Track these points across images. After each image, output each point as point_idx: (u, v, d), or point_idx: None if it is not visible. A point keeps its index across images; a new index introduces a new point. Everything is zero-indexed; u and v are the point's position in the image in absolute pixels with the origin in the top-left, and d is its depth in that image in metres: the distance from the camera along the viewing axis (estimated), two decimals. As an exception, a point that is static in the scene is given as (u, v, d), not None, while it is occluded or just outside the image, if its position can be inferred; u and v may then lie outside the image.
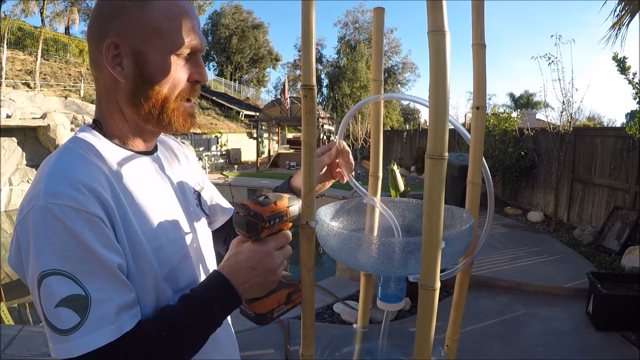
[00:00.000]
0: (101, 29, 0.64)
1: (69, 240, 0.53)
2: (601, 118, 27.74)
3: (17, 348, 2.75)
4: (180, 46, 0.64)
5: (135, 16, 0.63)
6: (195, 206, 0.80)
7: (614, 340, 3.11)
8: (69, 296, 0.53)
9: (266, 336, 2.94)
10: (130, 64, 0.64)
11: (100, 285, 0.54)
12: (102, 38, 0.64)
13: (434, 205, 0.47)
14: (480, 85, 0.60)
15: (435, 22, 0.46)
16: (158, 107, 0.66)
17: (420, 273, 0.50)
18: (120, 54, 0.64)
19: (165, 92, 0.66)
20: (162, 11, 0.63)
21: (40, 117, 11.13)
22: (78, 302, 0.53)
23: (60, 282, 0.53)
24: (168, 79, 0.65)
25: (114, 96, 0.67)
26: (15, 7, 17.58)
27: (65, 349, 0.53)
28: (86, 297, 0.53)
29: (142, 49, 0.63)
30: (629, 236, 4.88)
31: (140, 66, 0.64)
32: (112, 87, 0.66)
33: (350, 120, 5.30)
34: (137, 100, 0.65)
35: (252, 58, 36.46)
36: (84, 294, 0.53)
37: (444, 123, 0.46)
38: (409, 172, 13.48)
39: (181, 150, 0.86)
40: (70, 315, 0.53)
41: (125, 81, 0.65)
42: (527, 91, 28.78)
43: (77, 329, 0.53)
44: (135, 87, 0.65)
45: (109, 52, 0.63)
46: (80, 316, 0.53)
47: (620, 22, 5.11)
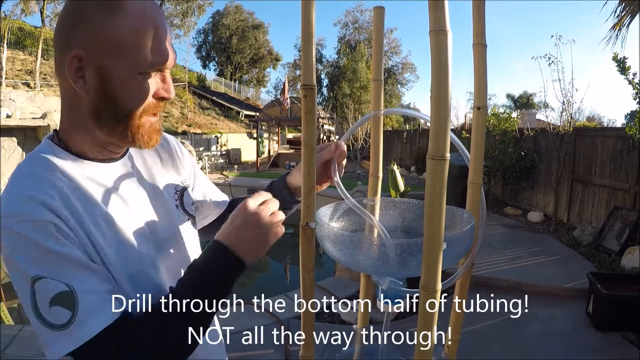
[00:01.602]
0: (66, 37, 0.62)
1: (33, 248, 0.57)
2: (601, 118, 27.75)
3: (17, 348, 2.75)
4: (145, 62, 0.62)
5: (100, 29, 0.60)
6: (175, 207, 0.78)
7: (614, 340, 3.11)
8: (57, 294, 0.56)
9: (266, 336, 2.93)
10: (94, 78, 0.61)
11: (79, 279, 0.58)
12: (66, 47, 0.61)
13: (435, 207, 0.47)
14: (481, 86, 0.60)
15: (437, 21, 0.45)
16: (121, 124, 0.64)
17: (422, 275, 0.50)
18: (84, 67, 0.61)
19: (129, 109, 0.63)
20: (129, 25, 0.60)
21: (40, 117, 11.12)
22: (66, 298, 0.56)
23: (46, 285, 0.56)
24: (132, 96, 0.63)
25: (76, 108, 0.65)
26: (15, 7, 17.60)
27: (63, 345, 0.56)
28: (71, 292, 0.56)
29: (106, 64, 0.61)
30: (629, 236, 4.88)
31: (103, 81, 0.61)
32: (74, 98, 0.64)
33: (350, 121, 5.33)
34: (99, 115, 0.64)
35: (252, 58, 36.43)
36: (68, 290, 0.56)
37: (445, 124, 0.46)
38: (409, 172, 13.47)
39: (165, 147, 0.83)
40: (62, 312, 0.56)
41: (87, 96, 0.63)
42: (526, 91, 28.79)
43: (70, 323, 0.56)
44: (98, 103, 0.63)
45: (71, 65, 0.61)
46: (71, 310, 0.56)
47: (620, 22, 5.10)
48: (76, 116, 0.65)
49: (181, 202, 0.80)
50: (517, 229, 6.33)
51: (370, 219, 0.70)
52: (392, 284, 0.66)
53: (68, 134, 0.67)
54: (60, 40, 0.63)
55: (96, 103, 0.63)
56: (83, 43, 0.60)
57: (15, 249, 0.57)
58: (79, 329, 0.56)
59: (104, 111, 0.63)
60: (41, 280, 0.56)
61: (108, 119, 0.64)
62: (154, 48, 0.62)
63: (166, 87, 0.66)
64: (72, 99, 0.65)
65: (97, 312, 0.57)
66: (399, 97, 36.19)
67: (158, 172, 0.78)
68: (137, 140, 0.66)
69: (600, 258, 4.84)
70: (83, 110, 0.64)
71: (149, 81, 0.64)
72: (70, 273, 0.57)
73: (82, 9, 0.61)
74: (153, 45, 0.62)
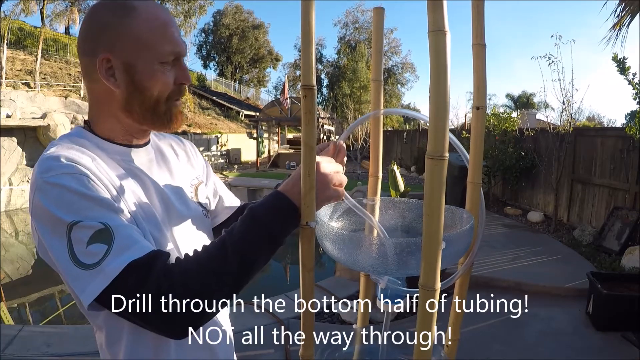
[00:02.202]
0: (92, 45, 0.70)
1: (69, 196, 0.61)
2: (601, 118, 27.77)
3: (17, 348, 2.75)
4: (165, 54, 0.70)
5: (120, 31, 0.69)
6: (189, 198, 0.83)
7: (614, 340, 3.11)
8: (94, 233, 0.59)
9: (266, 336, 2.93)
10: (122, 75, 0.70)
11: (114, 218, 0.61)
12: (94, 53, 0.70)
13: (434, 206, 0.47)
14: (481, 86, 0.60)
15: (435, 21, 0.45)
16: (150, 110, 0.72)
17: (421, 274, 0.50)
18: (113, 67, 0.70)
19: (157, 97, 0.72)
20: (144, 24, 0.69)
21: (40, 117, 11.12)
22: (102, 234, 0.59)
23: (82, 229, 0.59)
24: (157, 85, 0.71)
25: (107, 105, 0.73)
26: (15, 7, 17.59)
27: (99, 281, 0.57)
28: (107, 228, 0.60)
29: (131, 60, 0.69)
30: (629, 236, 4.88)
31: (131, 76, 0.70)
32: (105, 96, 0.72)
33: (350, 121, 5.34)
34: (131, 106, 0.72)
35: (253, 58, 36.44)
36: (104, 226, 0.60)
37: (444, 124, 0.46)
38: (409, 172, 13.48)
39: (181, 146, 0.92)
40: (99, 247, 0.59)
41: (119, 90, 0.71)
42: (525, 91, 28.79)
43: (107, 254, 0.58)
44: (128, 95, 0.71)
45: (102, 67, 0.69)
46: (107, 244, 0.59)
47: (620, 22, 5.10)
48: (108, 112, 0.73)
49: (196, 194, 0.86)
50: (517, 229, 6.34)
51: (369, 218, 0.70)
52: (390, 282, 0.66)
53: (98, 124, 0.74)
54: (86, 48, 0.71)
55: (127, 96, 0.71)
56: (109, 46, 0.69)
57: (51, 200, 0.60)
58: (115, 260, 0.58)
59: (135, 102, 0.71)
60: (78, 224, 0.59)
61: (139, 108, 0.72)
62: (168, 40, 0.71)
63: (184, 73, 0.74)
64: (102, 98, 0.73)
65: (132, 245, 0.60)
66: (399, 97, 36.20)
67: (175, 165, 0.85)
68: (167, 122, 0.75)
69: (600, 258, 4.84)
70: (115, 105, 0.72)
71: (169, 70, 0.72)
72: (106, 214, 0.61)
73: (101, 17, 0.70)
74: (167, 38, 0.71)
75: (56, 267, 0.63)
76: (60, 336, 2.94)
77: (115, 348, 0.70)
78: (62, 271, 0.61)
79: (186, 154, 0.92)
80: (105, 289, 0.57)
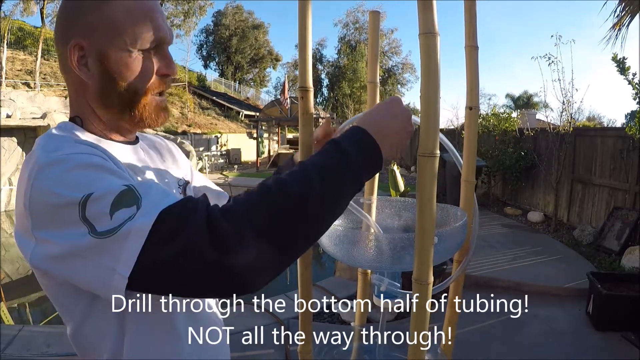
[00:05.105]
0: (66, 30, 0.64)
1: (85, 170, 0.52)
2: (601, 118, 27.75)
3: (17, 348, 2.76)
4: (143, 40, 0.63)
5: (95, 15, 0.61)
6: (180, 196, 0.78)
7: (614, 341, 3.11)
8: (115, 198, 0.49)
9: (266, 336, 2.94)
10: (96, 63, 0.63)
11: (137, 181, 0.54)
12: (67, 40, 0.63)
13: (425, 202, 0.48)
14: (473, 86, 0.61)
15: (426, 24, 0.46)
16: (128, 104, 0.65)
17: (414, 268, 0.51)
18: (86, 55, 0.63)
19: (135, 88, 0.64)
20: (123, 7, 0.62)
21: (40, 117, 11.13)
22: (125, 196, 0.49)
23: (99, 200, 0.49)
24: (135, 75, 0.63)
25: (84, 97, 0.66)
26: (15, 7, 17.61)
27: (132, 238, 0.47)
28: (130, 189, 0.50)
29: (106, 47, 0.62)
30: (629, 236, 4.88)
31: (105, 65, 0.62)
32: (81, 88, 0.65)
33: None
34: (107, 99, 0.64)
35: (253, 58, 36.46)
36: (126, 188, 0.50)
37: (435, 123, 0.47)
38: (409, 172, 13.48)
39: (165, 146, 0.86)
40: (126, 212, 0.48)
41: (92, 82, 0.64)
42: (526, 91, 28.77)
43: (135, 214, 0.48)
44: (103, 87, 0.64)
45: (73, 55, 0.62)
46: (136, 204, 0.49)
47: (620, 22, 5.11)
48: (86, 106, 0.66)
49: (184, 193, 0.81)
50: (517, 229, 6.34)
51: (363, 214, 0.71)
52: (390, 286, 0.66)
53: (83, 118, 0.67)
54: (60, 35, 0.64)
55: (102, 87, 0.64)
56: (82, 32, 0.62)
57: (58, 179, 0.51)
58: (146, 214, 0.47)
59: (111, 94, 0.64)
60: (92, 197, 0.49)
61: (115, 101, 0.64)
62: (148, 25, 0.63)
63: (167, 63, 0.66)
64: (78, 90, 0.66)
65: (165, 196, 0.50)
66: (399, 98, 36.15)
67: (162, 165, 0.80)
68: (146, 119, 0.67)
69: (600, 258, 4.85)
70: (90, 97, 0.65)
71: (150, 59, 0.64)
72: (127, 179, 0.54)
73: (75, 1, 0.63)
74: (147, 23, 0.63)
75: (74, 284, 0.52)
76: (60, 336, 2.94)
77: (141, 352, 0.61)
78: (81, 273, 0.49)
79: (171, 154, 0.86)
80: (144, 247, 0.46)
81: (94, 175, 0.52)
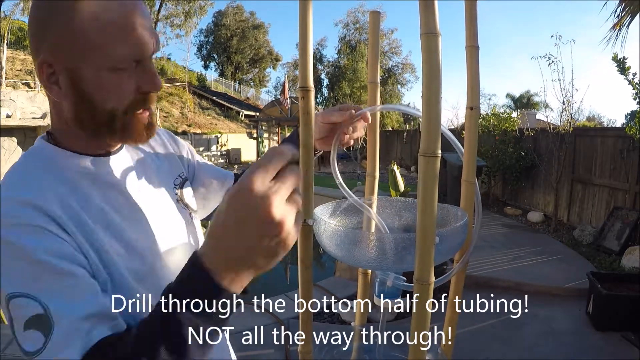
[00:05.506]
0: (34, 44, 0.57)
1: (16, 258, 0.50)
2: (601, 118, 27.78)
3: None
4: (119, 58, 0.56)
5: (63, 29, 0.54)
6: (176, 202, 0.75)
7: (614, 340, 3.11)
8: (32, 317, 0.50)
9: (266, 336, 2.94)
10: (67, 82, 0.57)
11: (60, 299, 0.50)
12: (37, 55, 0.57)
13: (427, 202, 0.48)
14: (474, 87, 0.61)
15: (427, 24, 0.47)
16: (105, 125, 0.59)
17: (416, 268, 0.51)
18: (55, 72, 0.56)
19: (110, 110, 0.58)
20: (95, 20, 0.54)
21: (40, 117, 11.15)
22: (41, 321, 0.49)
23: (22, 304, 0.50)
24: (109, 96, 0.57)
25: (60, 113, 0.61)
26: (15, 7, 17.62)
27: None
28: (47, 315, 0.49)
29: (76, 65, 0.55)
30: (629, 236, 4.89)
31: (77, 84, 0.56)
32: (58, 103, 0.60)
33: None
34: (81, 120, 0.59)
35: (253, 58, 36.47)
36: (43, 312, 0.49)
37: (436, 123, 0.47)
38: (409, 172, 13.48)
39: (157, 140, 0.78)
40: (37, 336, 0.50)
41: (65, 101, 0.58)
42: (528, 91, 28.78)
43: (42, 350, 0.50)
44: (76, 107, 0.58)
45: (43, 72, 0.56)
46: (45, 335, 0.50)
47: (620, 22, 5.11)
48: (62, 122, 0.62)
49: (181, 195, 0.77)
50: (517, 229, 6.34)
51: (368, 210, 0.71)
52: (396, 280, 0.67)
53: (61, 133, 0.63)
54: (31, 48, 0.58)
55: (75, 107, 0.58)
56: (49, 48, 0.56)
57: None
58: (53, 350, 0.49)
59: (85, 115, 0.58)
60: (17, 299, 0.50)
61: (90, 122, 0.59)
62: (125, 39, 0.55)
63: (150, 78, 0.59)
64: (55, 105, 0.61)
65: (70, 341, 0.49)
66: (399, 97, 36.19)
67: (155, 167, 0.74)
68: (126, 138, 0.62)
69: (600, 258, 4.85)
70: (66, 115, 0.60)
71: (127, 76, 0.57)
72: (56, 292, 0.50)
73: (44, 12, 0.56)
74: (124, 36, 0.55)
75: None
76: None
77: None
78: None
79: (164, 146, 0.79)
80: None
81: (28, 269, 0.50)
